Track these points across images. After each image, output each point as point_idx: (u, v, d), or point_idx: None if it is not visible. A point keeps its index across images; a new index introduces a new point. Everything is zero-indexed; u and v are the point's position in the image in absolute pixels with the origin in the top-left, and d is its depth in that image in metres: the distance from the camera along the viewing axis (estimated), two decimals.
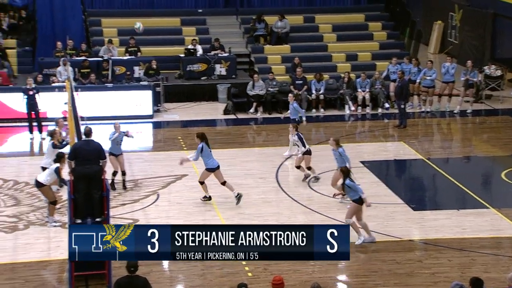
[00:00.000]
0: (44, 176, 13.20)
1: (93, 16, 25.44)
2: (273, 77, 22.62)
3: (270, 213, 14.42)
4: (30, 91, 18.81)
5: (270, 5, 27.13)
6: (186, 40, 24.57)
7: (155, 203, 14.84)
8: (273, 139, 19.82)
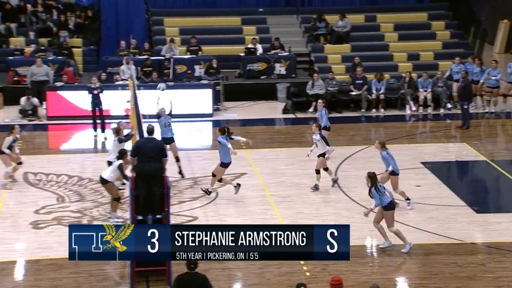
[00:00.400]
0: (108, 173, 13.48)
1: (156, 15, 25.84)
2: (332, 77, 22.52)
3: (329, 213, 14.37)
4: (94, 90, 19.23)
5: (331, 4, 27.03)
6: (247, 39, 24.69)
7: (214, 201, 14.96)
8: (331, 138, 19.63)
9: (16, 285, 11.43)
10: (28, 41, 23.93)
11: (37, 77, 21.59)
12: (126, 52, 23.06)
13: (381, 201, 12.42)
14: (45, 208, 14.34)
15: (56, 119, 20.70)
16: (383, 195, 12.45)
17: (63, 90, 21.03)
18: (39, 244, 12.72)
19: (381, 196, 12.43)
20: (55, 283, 11.33)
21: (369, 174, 12.59)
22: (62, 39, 23.87)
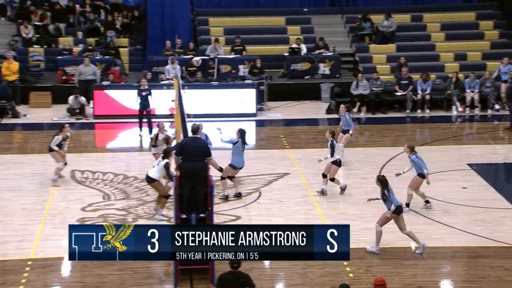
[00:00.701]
0: (155, 172, 13.60)
1: (201, 15, 26.02)
2: (377, 77, 22.35)
3: (372, 214, 14.22)
4: (143, 92, 19.44)
5: (376, 4, 26.85)
6: (291, 39, 24.68)
7: (257, 201, 14.99)
8: (376, 139, 19.59)
9: (62, 281, 11.64)
10: (76, 40, 24.36)
11: (85, 76, 21.95)
12: (171, 51, 23.28)
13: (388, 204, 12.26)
14: (91, 205, 14.57)
15: (103, 118, 21.01)
16: (393, 198, 12.29)
17: (110, 89, 21.34)
18: None
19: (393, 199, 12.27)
20: (101, 280, 11.50)
21: (378, 177, 12.50)
22: (109, 39, 24.22)
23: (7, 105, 21.26)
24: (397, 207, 12.29)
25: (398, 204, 12.34)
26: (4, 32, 24.75)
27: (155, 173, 13.61)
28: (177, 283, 11.27)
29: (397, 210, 12.30)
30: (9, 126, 20.57)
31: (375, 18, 25.03)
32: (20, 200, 14.52)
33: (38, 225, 13.50)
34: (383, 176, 12.61)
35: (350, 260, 11.98)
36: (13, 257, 12.20)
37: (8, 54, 22.22)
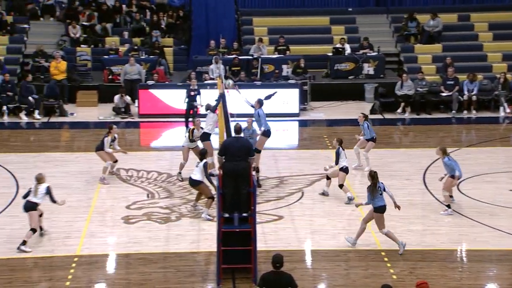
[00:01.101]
0: (197, 174, 13.66)
1: (245, 15, 26.09)
2: (422, 77, 22.10)
3: (416, 216, 14.11)
4: (192, 92, 19.61)
5: (422, 4, 26.55)
6: (335, 39, 24.57)
7: (300, 201, 14.97)
8: (421, 140, 19.37)
9: (107, 278, 11.81)
10: (123, 40, 24.68)
11: (130, 76, 22.23)
12: (215, 51, 23.41)
13: (374, 202, 12.25)
14: (136, 203, 14.75)
15: (148, 117, 21.25)
16: (377, 197, 12.24)
17: (154, 88, 21.56)
18: (130, 239, 13.10)
19: (375, 197, 12.23)
20: (145, 277, 11.63)
21: (370, 172, 12.54)
22: (154, 39, 24.48)
23: (55, 103, 21.66)
24: (379, 206, 12.27)
25: (381, 204, 12.26)
26: (52, 32, 25.23)
27: (197, 175, 13.67)
28: (219, 282, 11.33)
29: (377, 209, 12.29)
30: (57, 125, 20.96)
31: (421, 18, 24.76)
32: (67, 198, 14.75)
33: (84, 222, 13.74)
34: (375, 172, 12.60)
35: (394, 262, 11.93)
36: (60, 254, 12.43)
37: (57, 53, 22.63)
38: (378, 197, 12.30)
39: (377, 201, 12.29)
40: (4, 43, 24.24)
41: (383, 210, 12.33)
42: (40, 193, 12.62)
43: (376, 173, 12.49)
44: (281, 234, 13.31)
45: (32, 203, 12.63)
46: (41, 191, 12.62)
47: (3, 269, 11.82)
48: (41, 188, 12.64)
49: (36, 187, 12.63)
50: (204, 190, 13.83)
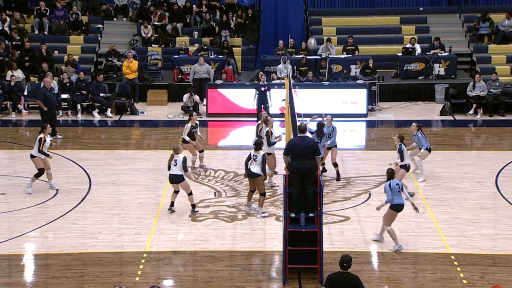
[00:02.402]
0: (257, 167, 13.77)
1: (313, 15, 26.02)
2: (496, 78, 21.54)
3: (488, 220, 13.78)
4: (262, 88, 19.71)
5: (496, 3, 25.87)
6: (405, 39, 24.22)
7: (367, 202, 14.84)
8: (493, 142, 18.90)
9: (175, 274, 11.99)
10: (192, 40, 25.00)
11: (199, 75, 22.50)
12: (283, 51, 23.43)
13: (392, 199, 12.17)
14: (203, 201, 14.93)
15: (216, 116, 21.46)
16: (396, 194, 12.17)
17: (223, 87, 21.75)
18: (197, 236, 13.26)
19: (394, 195, 12.16)
20: (211, 275, 11.76)
21: (388, 170, 12.49)
22: (223, 38, 24.70)
23: (126, 102, 22.13)
24: (393, 205, 12.22)
25: (396, 202, 12.22)
26: (125, 32, 25.79)
27: (256, 168, 13.78)
28: (285, 281, 11.34)
29: (393, 207, 12.23)
30: (127, 123, 21.41)
31: (495, 18, 24.12)
32: (136, 195, 15.07)
33: (153, 219, 13.99)
34: (392, 169, 12.58)
35: (464, 266, 11.69)
36: (130, 250, 12.70)
37: (129, 53, 23.12)
38: (397, 195, 12.30)
39: (395, 199, 12.31)
40: (79, 42, 24.94)
41: (398, 209, 12.31)
42: (179, 164, 13.78)
43: (393, 170, 12.59)
44: (348, 235, 13.23)
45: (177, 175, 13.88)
46: (179, 161, 13.77)
47: (75, 263, 12.17)
48: (179, 159, 13.80)
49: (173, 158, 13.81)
50: (259, 185, 13.87)
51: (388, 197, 12.37)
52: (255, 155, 13.88)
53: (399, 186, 12.34)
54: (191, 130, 16.28)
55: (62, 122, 20.99)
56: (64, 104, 21.64)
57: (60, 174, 16.39)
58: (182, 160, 13.84)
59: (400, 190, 12.36)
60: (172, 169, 13.97)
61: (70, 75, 22.34)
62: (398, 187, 12.33)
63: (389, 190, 12.34)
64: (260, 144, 13.98)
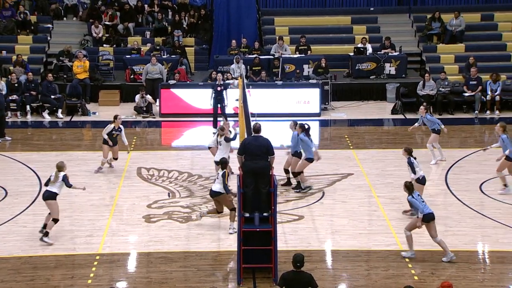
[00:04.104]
0: (218, 185, 13.22)
1: (266, 15, 26.09)
2: (445, 77, 21.94)
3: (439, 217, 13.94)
4: (218, 87, 19.65)
5: (445, 3, 26.35)
6: (356, 39, 24.48)
7: (320, 201, 14.95)
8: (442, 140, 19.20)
9: (128, 276, 11.88)
10: (145, 40, 24.79)
11: (152, 75, 22.33)
12: (236, 51, 23.43)
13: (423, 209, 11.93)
14: (157, 202, 14.82)
15: (169, 116, 21.33)
16: (421, 204, 11.98)
17: (176, 88, 21.63)
18: (151, 238, 13.16)
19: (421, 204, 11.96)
20: (166, 276, 11.69)
21: (405, 183, 12.23)
22: (176, 38, 24.57)
23: (77, 103, 21.83)
24: (424, 215, 11.94)
25: (427, 211, 11.97)
26: (75, 31, 25.43)
27: (218, 186, 13.22)
28: (240, 281, 11.35)
29: (425, 218, 11.95)
30: (79, 124, 21.12)
31: (444, 17, 24.58)
32: (89, 196, 14.87)
33: (105, 221, 13.84)
34: (410, 182, 12.39)
35: (415, 263, 11.88)
36: (82, 252, 12.53)
37: (79, 53, 22.81)
38: (422, 204, 12.07)
39: (424, 209, 12.04)
40: (28, 42, 24.48)
41: (429, 218, 11.99)
42: (59, 181, 12.76)
43: (411, 183, 12.37)
44: (302, 234, 13.30)
45: (51, 192, 12.77)
46: (59, 179, 12.77)
47: (25, 266, 11.95)
48: (60, 176, 12.80)
49: (57, 174, 12.78)
50: (225, 202, 13.37)
51: (420, 208, 11.95)
52: (218, 173, 13.40)
53: (420, 197, 12.16)
54: (112, 131, 16.04)
55: (11, 124, 20.58)
56: (13, 105, 21.22)
57: (9, 176, 16.07)
58: (62, 177, 12.82)
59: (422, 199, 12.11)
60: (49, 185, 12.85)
61: (19, 75, 21.92)
62: (420, 198, 12.13)
63: (415, 202, 12.01)
64: (225, 163, 13.33)
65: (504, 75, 22.17)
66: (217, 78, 19.94)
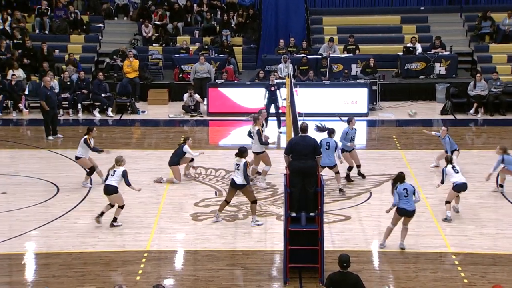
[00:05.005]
0: (240, 177, 13.25)
1: (314, 14, 26.02)
2: (497, 77, 21.54)
3: (488, 219, 13.78)
4: (272, 87, 19.67)
5: (497, 2, 25.86)
6: (406, 38, 24.24)
7: (368, 201, 14.84)
8: (494, 141, 18.88)
9: (176, 273, 11.99)
10: (193, 39, 24.99)
11: (200, 74, 22.50)
12: (284, 50, 23.43)
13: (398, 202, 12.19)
14: (204, 201, 14.93)
15: (217, 115, 21.45)
16: (402, 198, 12.14)
17: (224, 87, 21.75)
18: (198, 236, 13.26)
19: (402, 199, 12.13)
20: (212, 274, 11.76)
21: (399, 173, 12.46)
22: (224, 38, 24.70)
23: (127, 101, 22.14)
24: (398, 209, 12.21)
25: (399, 206, 12.20)
26: (126, 31, 25.80)
27: (239, 178, 13.24)
28: (286, 280, 11.35)
29: (399, 211, 12.24)
30: (128, 122, 21.41)
31: (496, 17, 24.11)
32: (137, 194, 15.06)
33: (153, 219, 14.00)
34: (401, 172, 12.52)
35: (465, 265, 11.69)
36: (131, 249, 12.71)
37: (130, 52, 23.13)
38: (403, 199, 12.24)
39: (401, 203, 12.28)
40: (80, 42, 24.96)
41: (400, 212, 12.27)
42: (117, 176, 13.27)
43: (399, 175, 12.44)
44: (348, 234, 13.23)
45: (111, 186, 13.31)
46: (117, 173, 13.28)
47: (76, 262, 12.17)
48: (118, 171, 13.30)
49: (113, 168, 13.33)
50: (247, 194, 13.44)
51: (394, 200, 12.32)
52: (237, 163, 13.36)
53: (406, 191, 12.24)
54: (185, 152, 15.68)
55: (63, 122, 21.00)
56: (64, 103, 21.65)
57: (61, 173, 16.39)
58: (122, 173, 13.30)
59: (411, 194, 12.24)
60: (108, 179, 13.38)
61: (71, 74, 22.35)
62: (405, 192, 12.23)
63: (396, 195, 12.30)
64: (243, 152, 13.41)
65: None
66: (270, 78, 19.95)
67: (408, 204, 12.28)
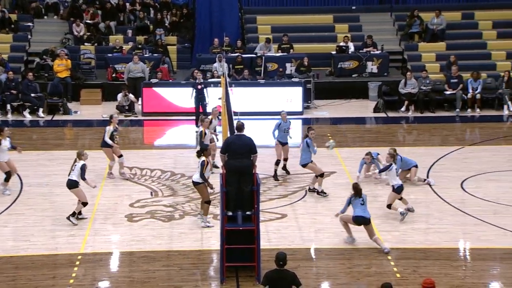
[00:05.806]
0: (197, 175, 13.32)
1: (249, 13, 26.08)
2: (426, 75, 22.06)
3: (420, 215, 14.10)
4: (199, 86, 19.61)
5: (426, 2, 26.50)
6: (338, 37, 24.55)
7: (303, 199, 14.97)
8: (424, 138, 19.36)
9: (111, 275, 11.83)
10: (126, 38, 24.68)
11: (134, 74, 22.24)
12: (219, 49, 23.40)
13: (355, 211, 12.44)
14: (139, 201, 14.77)
15: (151, 115, 21.26)
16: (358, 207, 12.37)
17: (158, 86, 21.57)
18: (134, 237, 13.12)
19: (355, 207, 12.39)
20: (148, 275, 11.65)
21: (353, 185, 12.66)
22: (158, 37, 24.49)
23: (58, 101, 21.69)
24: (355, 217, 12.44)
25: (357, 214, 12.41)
26: (56, 30, 25.25)
27: (196, 176, 13.34)
28: (223, 280, 11.34)
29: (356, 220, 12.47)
30: (60, 123, 20.98)
31: (425, 16, 24.72)
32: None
33: (87, 220, 13.75)
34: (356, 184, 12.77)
35: (397, 260, 11.94)
36: (64, 251, 12.45)
37: (61, 51, 22.65)
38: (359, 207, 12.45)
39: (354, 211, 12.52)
40: (8, 41, 24.29)
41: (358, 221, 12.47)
42: (77, 170, 13.33)
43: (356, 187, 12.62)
44: (285, 232, 13.32)
45: (72, 181, 13.34)
46: (77, 167, 13.34)
47: (7, 266, 11.85)
48: (78, 165, 13.36)
49: (75, 163, 13.35)
50: (202, 192, 13.45)
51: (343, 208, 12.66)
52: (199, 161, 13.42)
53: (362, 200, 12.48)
54: (112, 133, 15.90)
55: None
56: None
57: None
58: (80, 166, 13.37)
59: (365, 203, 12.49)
60: (70, 174, 13.52)
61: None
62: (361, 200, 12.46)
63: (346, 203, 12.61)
64: (203, 151, 13.47)
65: (484, 73, 22.33)
66: (197, 76, 19.90)
67: (366, 212, 12.41)
